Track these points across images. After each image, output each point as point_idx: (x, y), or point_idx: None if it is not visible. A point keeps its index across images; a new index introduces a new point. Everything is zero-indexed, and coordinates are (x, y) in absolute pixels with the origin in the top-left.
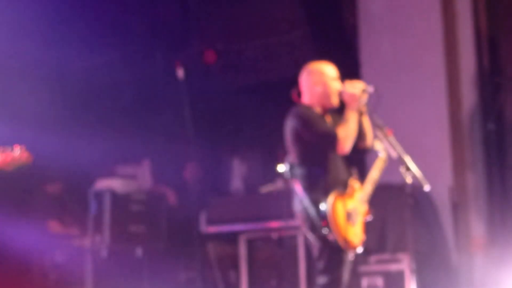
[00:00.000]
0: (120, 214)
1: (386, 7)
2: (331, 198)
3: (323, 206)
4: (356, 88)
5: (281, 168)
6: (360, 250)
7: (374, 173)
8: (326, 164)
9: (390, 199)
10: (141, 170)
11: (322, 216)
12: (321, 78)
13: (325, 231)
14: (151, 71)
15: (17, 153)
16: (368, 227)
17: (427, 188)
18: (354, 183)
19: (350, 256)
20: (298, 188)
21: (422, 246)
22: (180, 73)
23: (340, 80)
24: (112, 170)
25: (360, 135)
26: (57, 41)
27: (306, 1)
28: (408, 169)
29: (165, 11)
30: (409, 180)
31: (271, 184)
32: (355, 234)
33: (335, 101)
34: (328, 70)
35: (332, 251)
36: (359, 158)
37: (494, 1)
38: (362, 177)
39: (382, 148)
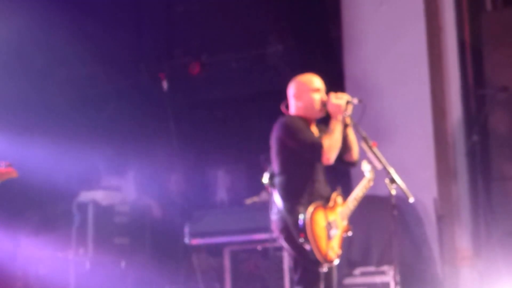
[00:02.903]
0: (103, 226)
1: (370, 20)
2: (310, 209)
3: (301, 217)
4: (341, 99)
5: (265, 179)
6: (335, 263)
7: (359, 192)
8: (307, 175)
9: (375, 211)
10: (126, 182)
11: (300, 228)
12: (304, 90)
13: (301, 240)
14: (135, 83)
15: (2, 169)
16: (352, 239)
17: (411, 199)
18: (337, 197)
19: (325, 269)
20: (276, 197)
21: (407, 258)
22: (165, 85)
23: (326, 92)
24: (97, 182)
25: (346, 147)
26: (41, 52)
27: (291, 14)
28: (392, 180)
29: (150, 23)
30: (393, 191)
31: (255, 196)
32: (332, 248)
33: (319, 112)
34: (313, 81)
35: (308, 263)
36: (345, 172)
37: (477, 14)
38: (347, 191)
39: (369, 169)
